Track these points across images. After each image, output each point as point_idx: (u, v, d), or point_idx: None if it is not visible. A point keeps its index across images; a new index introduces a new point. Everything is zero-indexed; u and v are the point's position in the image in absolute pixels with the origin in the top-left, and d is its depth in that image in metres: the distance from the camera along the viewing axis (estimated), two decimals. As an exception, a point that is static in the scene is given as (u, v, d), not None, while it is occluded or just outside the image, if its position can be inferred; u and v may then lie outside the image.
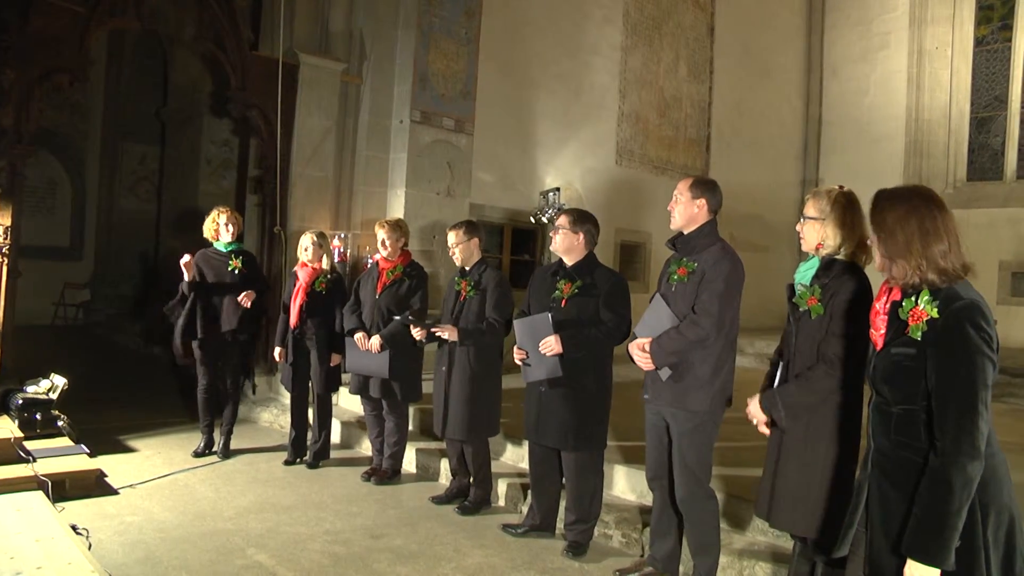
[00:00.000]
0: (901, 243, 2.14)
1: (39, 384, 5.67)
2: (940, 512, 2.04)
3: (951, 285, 2.11)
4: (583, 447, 4.11)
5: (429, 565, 3.98)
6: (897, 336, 2.18)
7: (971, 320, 2.05)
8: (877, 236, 2.21)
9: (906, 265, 2.13)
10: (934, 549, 2.03)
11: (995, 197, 11.91)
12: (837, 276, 2.93)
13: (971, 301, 2.07)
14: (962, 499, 2.02)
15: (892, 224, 2.16)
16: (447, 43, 8.05)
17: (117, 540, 4.09)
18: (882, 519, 2.22)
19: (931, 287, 2.12)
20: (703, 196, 3.61)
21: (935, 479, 2.06)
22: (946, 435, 2.05)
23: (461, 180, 8.27)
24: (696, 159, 11.65)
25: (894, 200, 2.21)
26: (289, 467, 5.67)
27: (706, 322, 3.44)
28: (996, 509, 2.10)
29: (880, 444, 2.24)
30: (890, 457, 2.21)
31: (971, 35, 12.39)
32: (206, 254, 5.82)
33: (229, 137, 10.18)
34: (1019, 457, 5.49)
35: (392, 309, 5.20)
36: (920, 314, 2.10)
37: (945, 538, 2.03)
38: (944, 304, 2.08)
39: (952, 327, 2.06)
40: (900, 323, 2.17)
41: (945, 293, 2.09)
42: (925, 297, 2.11)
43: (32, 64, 6.20)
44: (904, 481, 2.15)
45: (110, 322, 12.54)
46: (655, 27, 11.01)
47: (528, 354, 4.16)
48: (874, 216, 2.23)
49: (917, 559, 2.06)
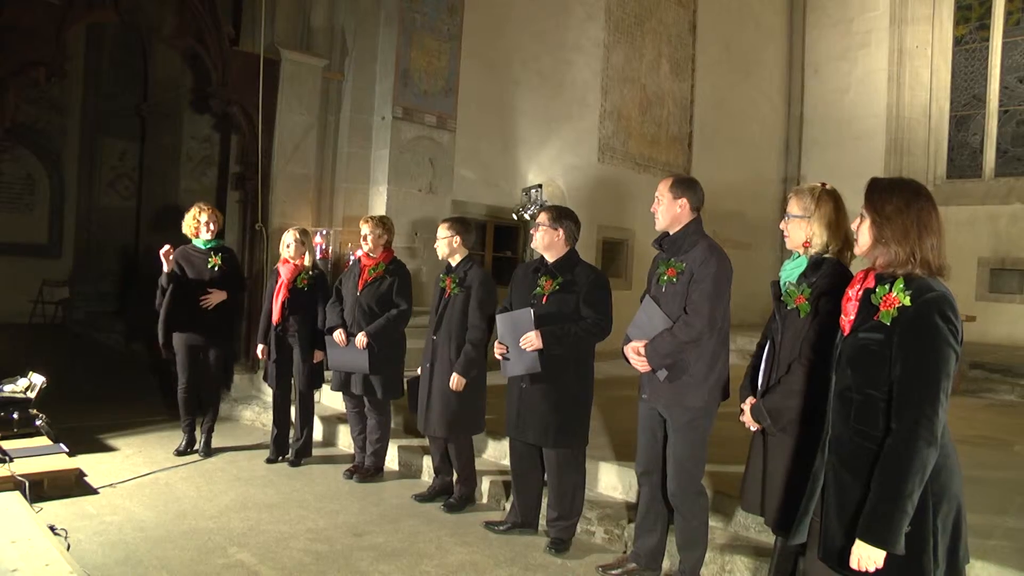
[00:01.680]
0: (899, 229, 2.20)
1: (17, 383, 5.59)
2: (893, 495, 2.09)
3: (924, 278, 2.16)
4: (564, 443, 4.12)
5: (411, 563, 3.97)
6: (866, 321, 2.23)
7: (940, 311, 2.11)
8: (873, 220, 2.24)
9: (899, 250, 2.18)
10: (885, 532, 2.08)
11: (974, 195, 12.04)
12: (826, 276, 2.95)
13: (942, 293, 2.14)
14: (915, 483, 2.08)
15: (892, 211, 2.21)
16: (429, 39, 8.02)
17: (97, 540, 4.06)
18: (837, 505, 2.26)
19: (907, 277, 2.17)
20: (684, 195, 3.63)
21: (891, 462, 2.11)
22: (905, 419, 2.11)
23: (443, 177, 8.25)
24: (678, 156, 11.68)
25: (896, 189, 2.27)
26: (271, 465, 5.63)
27: (698, 322, 3.46)
28: (947, 498, 2.17)
29: (839, 432, 2.29)
30: (847, 445, 2.26)
31: (950, 34, 12.50)
32: (186, 251, 5.79)
33: (210, 133, 10.10)
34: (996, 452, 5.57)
35: (373, 306, 5.19)
36: (892, 300, 2.16)
37: (896, 521, 2.08)
38: (917, 293, 2.14)
39: (922, 316, 2.12)
40: (870, 309, 2.23)
41: (918, 283, 2.16)
42: (900, 285, 2.17)
43: (6, 58, 6.12)
44: (860, 468, 2.20)
45: (89, 320, 12.41)
46: (637, 24, 11.02)
47: (508, 349, 4.16)
48: (872, 201, 2.26)
49: (868, 541, 2.11)
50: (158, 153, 11.30)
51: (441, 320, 4.72)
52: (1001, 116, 12.13)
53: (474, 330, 4.59)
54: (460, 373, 4.56)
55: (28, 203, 13.55)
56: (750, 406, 3.09)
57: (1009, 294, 11.40)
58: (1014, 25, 12.08)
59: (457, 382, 4.56)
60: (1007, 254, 11.51)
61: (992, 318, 10.59)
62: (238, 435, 6.41)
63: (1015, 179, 11.86)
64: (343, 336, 5.18)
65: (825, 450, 2.34)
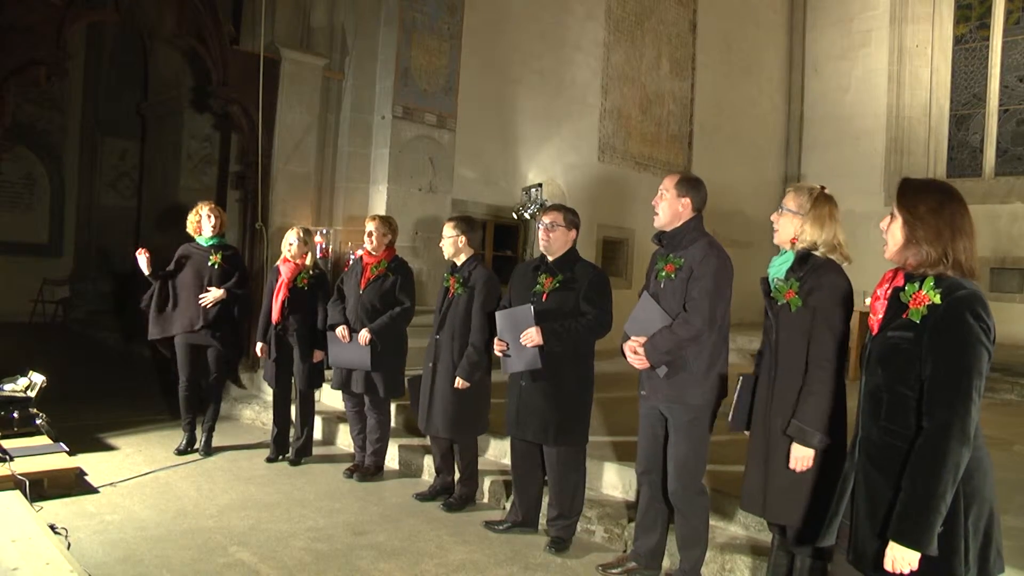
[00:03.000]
0: (932, 230, 2.17)
1: (17, 382, 5.60)
2: (926, 494, 2.05)
3: (955, 278, 2.14)
4: (564, 442, 4.12)
5: (412, 561, 3.97)
6: (894, 319, 2.21)
7: (972, 309, 2.09)
8: (905, 220, 2.22)
9: (931, 251, 2.16)
10: (918, 532, 2.05)
11: (974, 194, 12.01)
12: (813, 270, 2.97)
13: (973, 291, 2.12)
14: (948, 483, 2.04)
15: (925, 211, 2.19)
16: (429, 38, 8.02)
17: (97, 539, 4.06)
18: (868, 506, 2.23)
19: (937, 276, 2.15)
20: (688, 195, 3.63)
21: (923, 461, 2.07)
22: (937, 418, 2.07)
23: (443, 176, 8.25)
24: (678, 155, 11.68)
25: (929, 189, 2.25)
26: (271, 464, 5.64)
27: (697, 319, 3.46)
28: (979, 500, 2.13)
29: (869, 431, 2.26)
30: (878, 444, 2.22)
31: (950, 33, 12.50)
32: (189, 248, 5.82)
33: (210, 132, 10.10)
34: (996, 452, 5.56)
35: (376, 304, 5.19)
36: (922, 298, 2.14)
37: (929, 521, 2.04)
38: (947, 292, 2.12)
39: (953, 314, 2.09)
40: (899, 307, 2.21)
41: (948, 282, 2.13)
42: (929, 283, 2.15)
43: (7, 57, 6.12)
44: (891, 468, 2.16)
45: (90, 319, 12.41)
46: (637, 23, 11.02)
47: (508, 346, 4.16)
48: (905, 202, 2.24)
49: (901, 542, 2.07)
50: (158, 152, 11.30)
51: (444, 320, 4.71)
52: (1001, 115, 12.13)
53: (477, 332, 4.59)
54: (463, 377, 4.56)
55: (28, 202, 13.55)
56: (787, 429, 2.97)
57: (1009, 293, 11.41)
58: (1014, 24, 12.08)
59: (460, 384, 4.57)
60: (1007, 253, 11.51)
61: (992, 317, 10.56)
62: (238, 434, 6.41)
63: (1015, 178, 11.86)
64: (346, 332, 5.18)
65: (855, 451, 2.31)
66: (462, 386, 4.56)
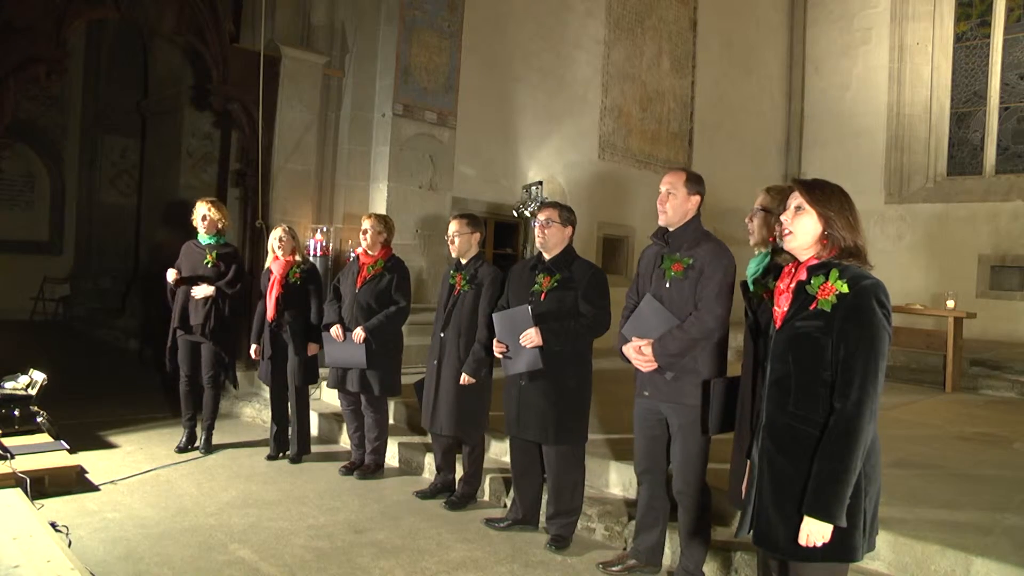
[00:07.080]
0: (849, 221, 2.35)
1: (17, 380, 5.60)
2: (841, 468, 2.20)
3: (854, 266, 2.31)
4: (564, 440, 4.12)
5: (412, 559, 3.98)
6: (801, 311, 2.34)
7: (877, 297, 2.26)
8: (821, 215, 2.35)
9: (849, 237, 2.32)
10: (834, 506, 2.20)
11: (975, 192, 12.03)
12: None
13: (876, 280, 2.30)
14: (859, 457, 2.21)
15: (837, 205, 2.37)
16: (430, 36, 8.02)
17: (98, 537, 4.06)
18: (773, 488, 2.35)
19: (840, 267, 2.31)
20: (698, 192, 3.63)
21: (838, 438, 2.22)
22: (851, 398, 2.22)
23: (443, 174, 8.25)
24: (679, 153, 11.68)
25: (834, 189, 2.43)
26: (271, 462, 5.64)
27: (709, 318, 3.46)
28: (875, 478, 2.33)
29: (774, 418, 2.38)
30: (784, 430, 2.35)
31: (951, 31, 12.48)
32: (189, 245, 5.84)
33: (210, 130, 10.09)
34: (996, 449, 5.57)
35: (372, 303, 5.19)
36: (830, 289, 2.29)
37: (843, 494, 2.21)
38: (853, 282, 2.27)
39: (861, 302, 2.25)
40: (805, 299, 2.34)
41: (852, 272, 2.30)
42: (835, 275, 2.30)
43: (6, 55, 6.11)
44: (797, 452, 2.30)
45: (90, 317, 12.41)
46: (638, 21, 11.01)
47: (508, 347, 4.16)
48: (821, 199, 2.38)
49: (817, 516, 2.22)
50: (158, 150, 11.29)
51: (450, 317, 4.71)
52: (1002, 113, 12.11)
53: (484, 328, 4.58)
54: (469, 374, 4.56)
55: (29, 200, 13.55)
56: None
57: (1009, 291, 11.39)
58: (1015, 22, 12.06)
59: (465, 380, 4.57)
60: (1008, 251, 11.50)
61: (992, 315, 10.57)
62: (239, 432, 6.41)
63: (1016, 176, 11.84)
64: (340, 331, 5.18)
65: (760, 439, 2.42)
66: (467, 382, 4.57)
